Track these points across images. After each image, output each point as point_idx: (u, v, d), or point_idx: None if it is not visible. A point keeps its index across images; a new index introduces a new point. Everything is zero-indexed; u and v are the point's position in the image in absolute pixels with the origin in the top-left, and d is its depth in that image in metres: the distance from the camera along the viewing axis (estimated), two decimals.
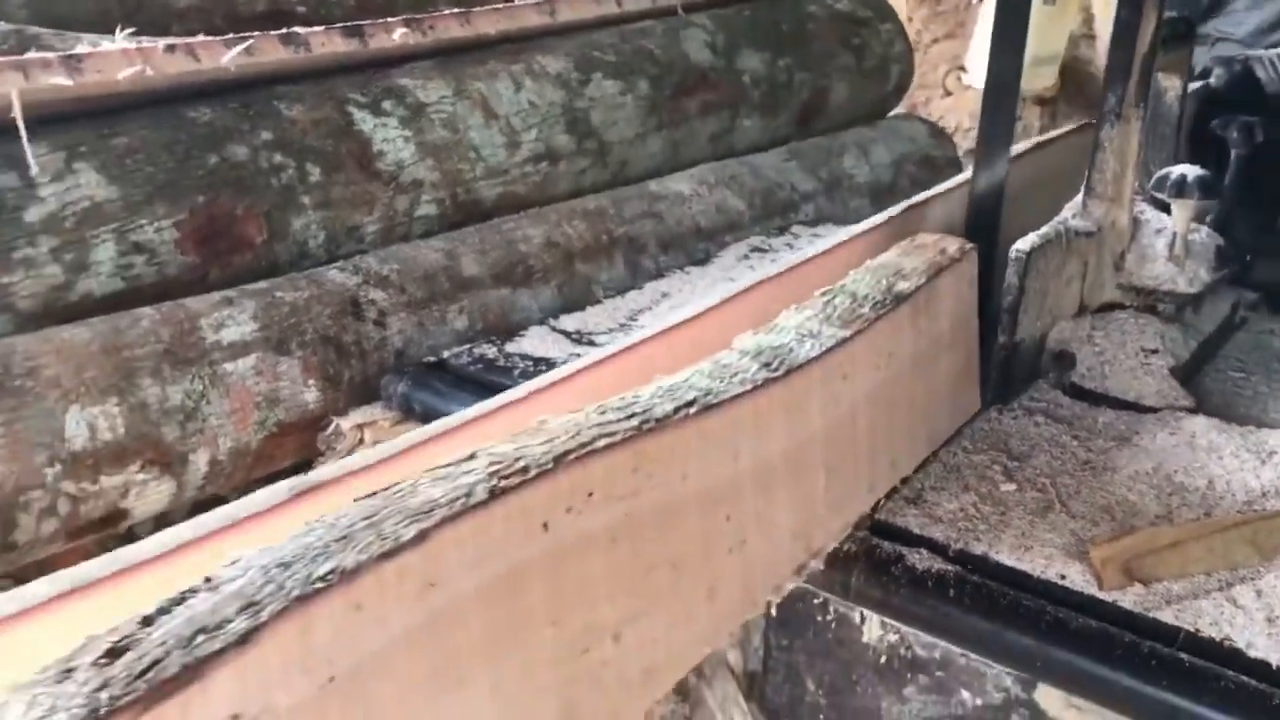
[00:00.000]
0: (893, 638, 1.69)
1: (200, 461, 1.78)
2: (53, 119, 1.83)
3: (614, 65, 2.59)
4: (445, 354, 2.04)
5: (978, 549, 1.48)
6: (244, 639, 0.75)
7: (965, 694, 1.65)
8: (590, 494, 1.02)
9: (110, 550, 1.03)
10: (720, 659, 1.93)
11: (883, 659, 1.72)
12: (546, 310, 2.25)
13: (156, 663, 0.72)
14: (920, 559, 1.48)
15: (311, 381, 1.89)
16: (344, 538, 0.85)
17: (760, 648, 1.92)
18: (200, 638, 0.75)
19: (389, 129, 2.19)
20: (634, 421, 1.09)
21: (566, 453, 1.01)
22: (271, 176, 2.02)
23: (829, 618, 1.76)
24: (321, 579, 0.81)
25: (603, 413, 1.10)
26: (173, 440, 1.73)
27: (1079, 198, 1.90)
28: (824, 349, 1.36)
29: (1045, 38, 5.70)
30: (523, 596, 0.97)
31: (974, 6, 6.94)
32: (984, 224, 1.86)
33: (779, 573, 1.37)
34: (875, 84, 3.28)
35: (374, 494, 0.93)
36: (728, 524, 1.22)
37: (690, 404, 1.16)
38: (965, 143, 4.52)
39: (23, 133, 1.76)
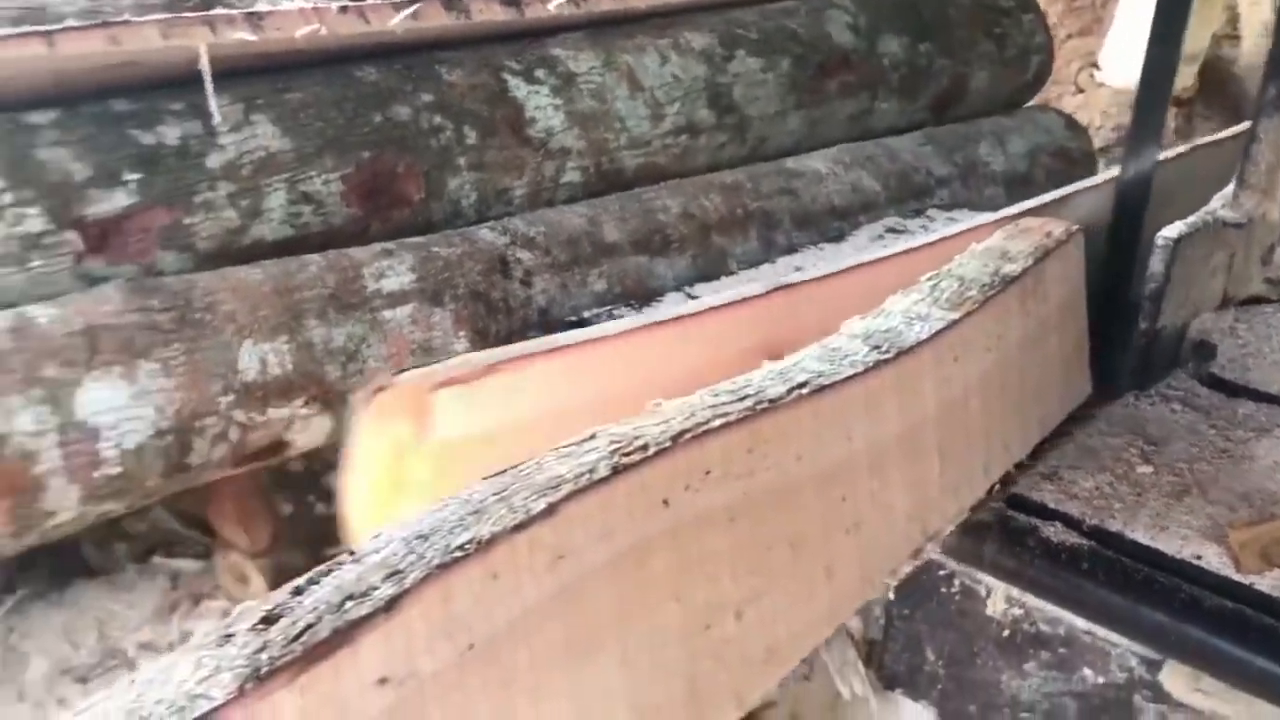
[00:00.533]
0: (1017, 611, 1.72)
1: None
2: (234, 73, 1.95)
3: (757, 43, 2.63)
4: (585, 314, 2.11)
5: (1113, 526, 1.50)
6: (390, 605, 0.79)
7: (1088, 671, 1.67)
8: (708, 472, 1.05)
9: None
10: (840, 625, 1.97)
11: (1006, 632, 1.74)
12: (681, 279, 2.31)
13: (310, 627, 0.76)
14: (1055, 532, 1.50)
15: (462, 333, 1.98)
16: (477, 511, 0.88)
17: (881, 616, 1.96)
18: (349, 604, 0.78)
19: (541, 97, 2.27)
20: (747, 403, 1.11)
21: (683, 432, 1.03)
22: (431, 137, 2.11)
23: (953, 590, 1.79)
24: (459, 549, 0.84)
25: (715, 395, 1.13)
26: (334, 379, 1.83)
27: (1230, 188, 1.89)
28: (933, 331, 1.37)
29: (1187, 36, 5.59)
30: (647, 571, 1.00)
31: (1110, 3, 6.80)
32: (1129, 215, 1.87)
33: (895, 555, 1.37)
34: (1014, 73, 3.26)
35: (502, 471, 0.96)
36: (843, 505, 1.24)
37: (802, 385, 1.18)
38: (1096, 140, 4.46)
39: (208, 84, 1.87)
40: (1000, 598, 1.74)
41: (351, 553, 0.86)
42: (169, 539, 2.60)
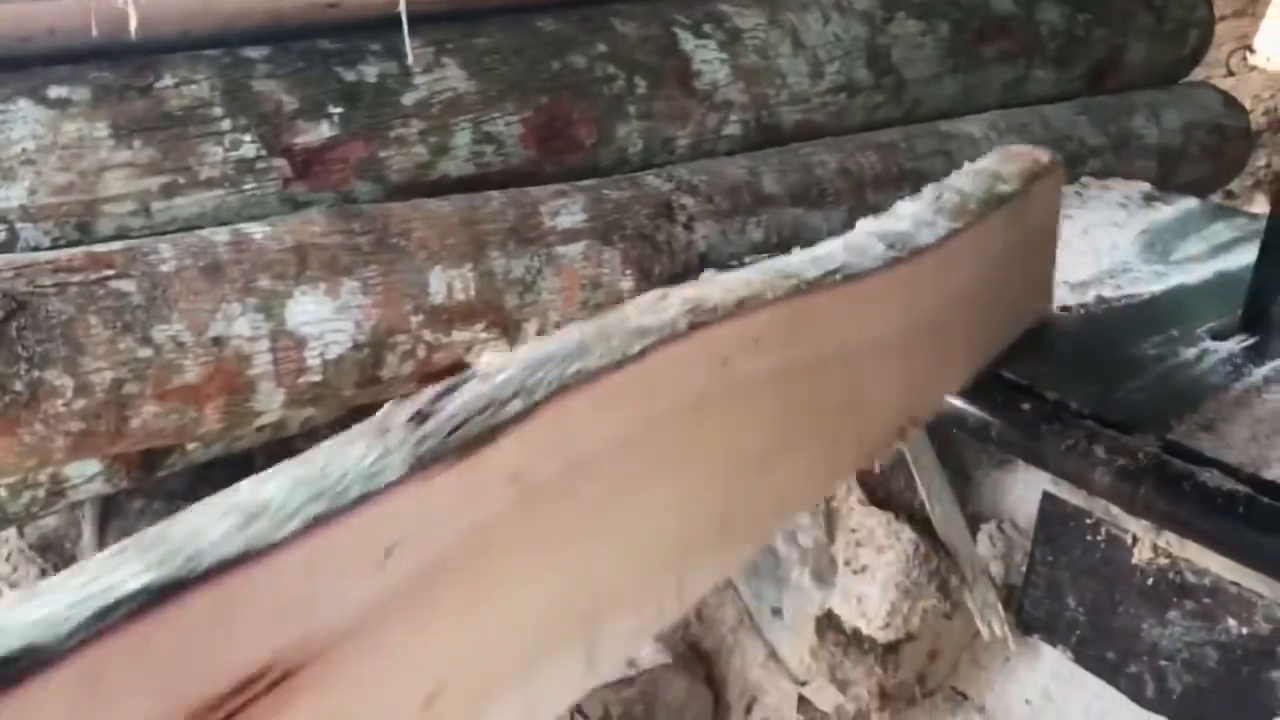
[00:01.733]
0: (1163, 561, 1.76)
1: (531, 329, 2.00)
2: (427, 18, 2.07)
3: (918, 6, 2.68)
4: (746, 259, 2.19)
5: (1269, 475, 1.53)
6: (520, 415, 0.90)
7: (1231, 622, 1.71)
8: (757, 340, 1.18)
9: None
10: (984, 566, 2.04)
11: (1150, 580, 1.79)
12: (836, 232, 2.36)
13: (460, 425, 0.87)
14: (1211, 478, 1.54)
15: (629, 271, 2.08)
16: (581, 348, 1.00)
17: (1023, 562, 2.01)
18: (489, 409, 0.89)
19: (708, 50, 2.35)
20: (791, 282, 1.24)
21: (742, 300, 1.15)
22: (604, 85, 2.21)
23: (1099, 537, 1.84)
24: (572, 375, 0.96)
25: (763, 273, 1.24)
26: (512, 308, 1.95)
27: None
28: (939, 237, 1.49)
29: None
30: (701, 422, 1.13)
31: None
32: None
33: (886, 436, 1.54)
34: (1172, 47, 3.24)
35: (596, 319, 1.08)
36: (852, 386, 1.39)
37: (835, 272, 1.30)
38: None
39: (405, 27, 1.99)
40: (1147, 546, 1.78)
41: (475, 374, 0.96)
42: None
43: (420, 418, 0.89)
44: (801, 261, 1.31)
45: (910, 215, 1.56)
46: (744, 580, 2.36)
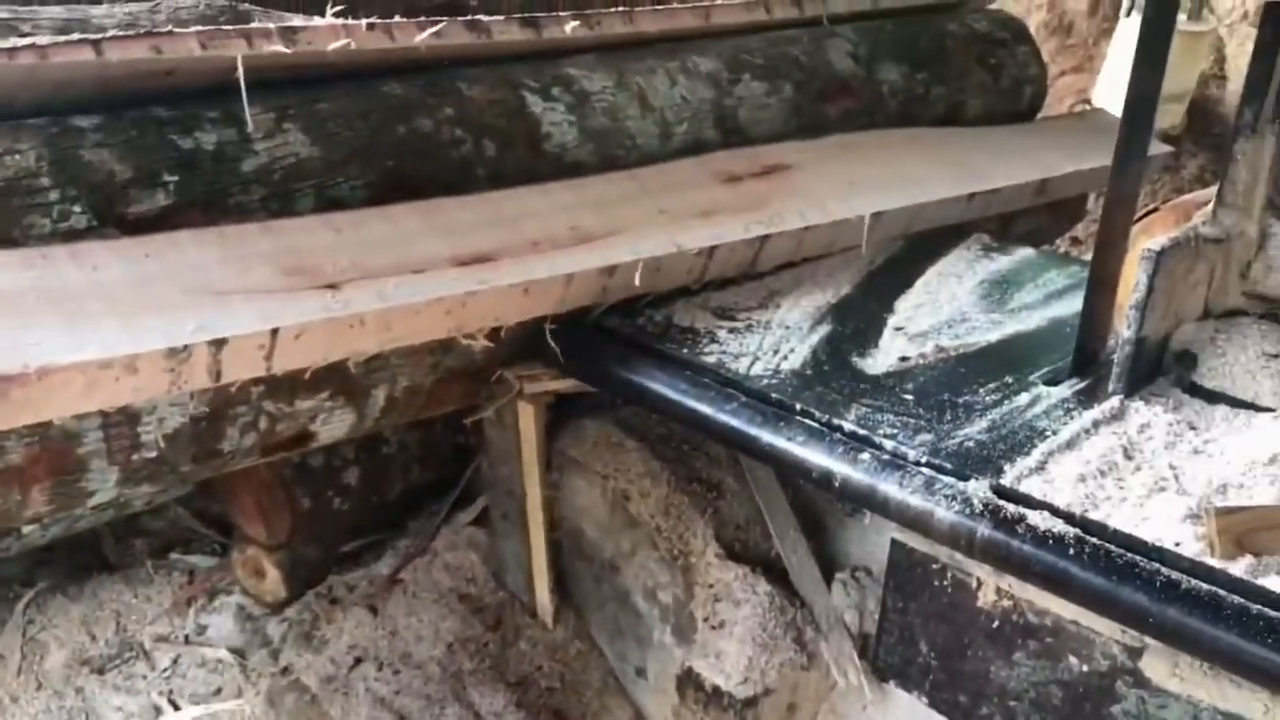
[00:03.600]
0: (1007, 603, 1.80)
1: (380, 397, 1.97)
2: (268, 84, 2.05)
3: (762, 68, 2.75)
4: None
5: (1096, 515, 1.59)
6: None
7: (1073, 660, 1.76)
8: None
9: None
10: (839, 616, 2.06)
11: (995, 623, 1.83)
12: None
13: None
14: (1042, 520, 1.59)
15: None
16: None
17: (876, 609, 2.04)
18: None
19: (557, 113, 2.38)
20: None
21: None
22: (452, 149, 2.21)
23: (946, 583, 1.88)
24: None
25: None
26: (359, 374, 1.92)
27: (1210, 206, 1.99)
28: None
29: (1175, 75, 5.72)
30: None
31: (1102, 41, 6.95)
32: (1116, 232, 1.96)
33: None
34: (1008, 102, 3.38)
35: None
36: None
37: None
38: None
39: (244, 93, 1.97)
40: (991, 589, 1.83)
41: None
42: (186, 536, 2.68)
43: None
44: None
45: None
46: (608, 642, 2.35)
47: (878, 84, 2.98)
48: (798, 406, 1.92)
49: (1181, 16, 5.50)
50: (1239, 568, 1.48)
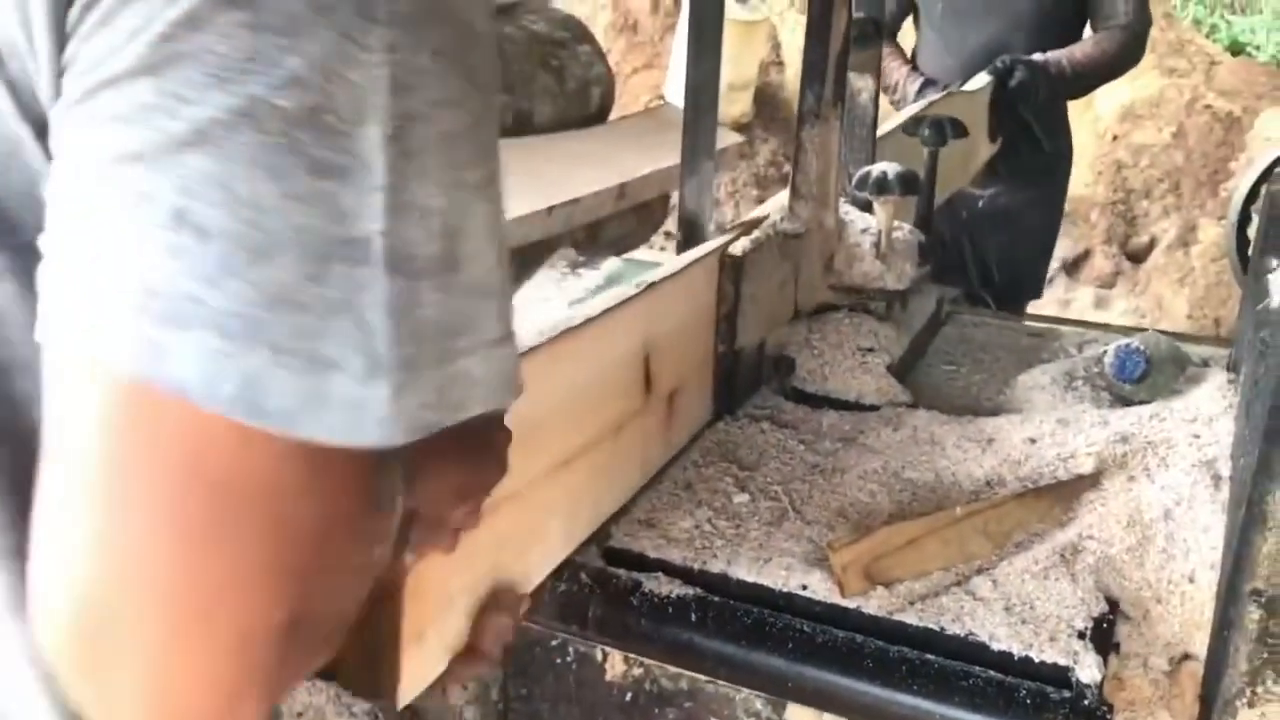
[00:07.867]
0: (638, 671, 1.58)
1: None
2: None
3: None
4: None
5: (716, 567, 1.40)
6: None
7: None
8: None
9: None
10: (457, 714, 1.78)
11: (629, 696, 1.61)
12: None
13: None
14: (658, 584, 1.38)
15: None
16: None
17: (499, 700, 1.78)
18: None
19: None
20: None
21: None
22: None
23: (569, 659, 1.63)
24: None
25: None
26: None
27: (784, 198, 1.87)
28: None
29: (737, 65, 5.89)
30: None
31: (668, 36, 7.09)
32: (696, 234, 1.81)
33: None
34: (577, 106, 3.23)
35: None
36: None
37: None
38: None
39: None
40: (618, 659, 1.61)
41: None
42: None
43: None
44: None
45: None
46: None
47: None
48: None
49: (735, 5, 5.64)
50: (873, 605, 1.32)
